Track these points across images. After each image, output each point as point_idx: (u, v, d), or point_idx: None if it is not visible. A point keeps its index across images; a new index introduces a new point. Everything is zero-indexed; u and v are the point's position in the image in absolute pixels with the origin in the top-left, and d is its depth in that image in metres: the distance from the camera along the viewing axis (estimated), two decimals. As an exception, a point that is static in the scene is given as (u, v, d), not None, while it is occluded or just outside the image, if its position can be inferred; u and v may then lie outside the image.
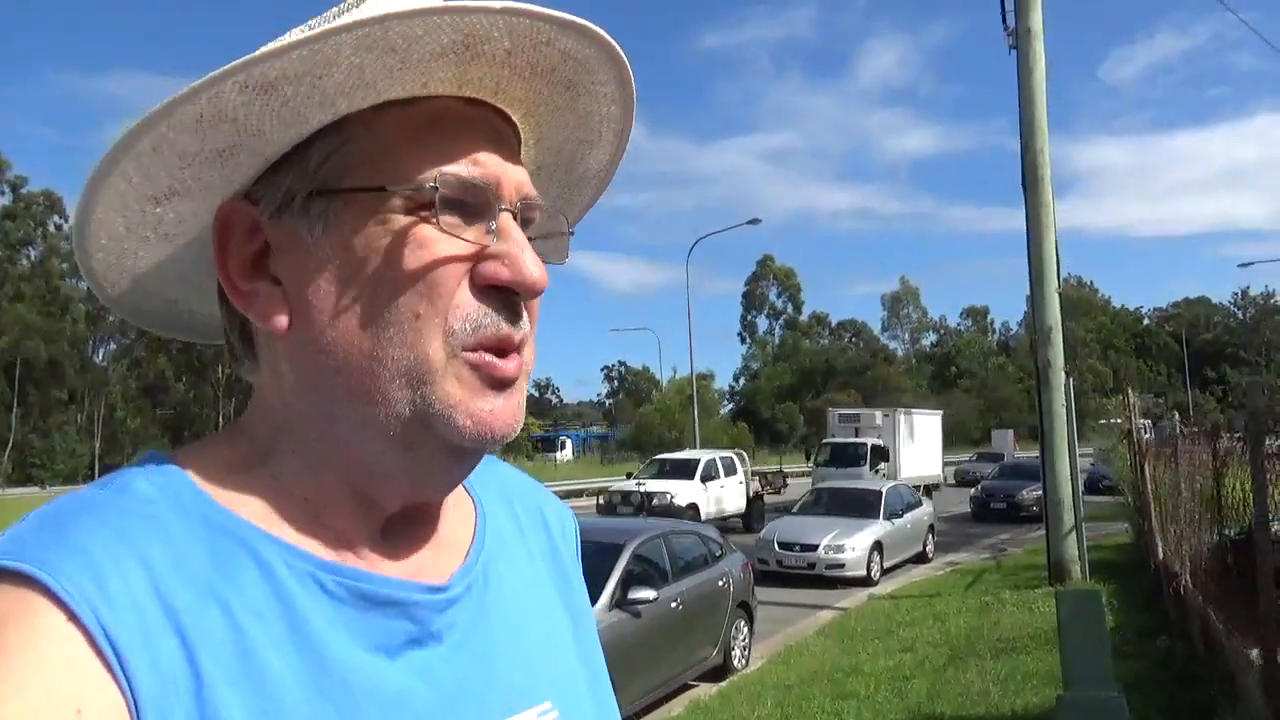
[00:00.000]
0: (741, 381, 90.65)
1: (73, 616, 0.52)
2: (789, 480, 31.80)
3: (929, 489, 28.30)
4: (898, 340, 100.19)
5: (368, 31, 0.57)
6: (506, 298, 0.64)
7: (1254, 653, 4.81)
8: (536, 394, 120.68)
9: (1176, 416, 8.21)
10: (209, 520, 0.61)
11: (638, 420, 62.71)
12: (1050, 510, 12.26)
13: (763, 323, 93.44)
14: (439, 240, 0.62)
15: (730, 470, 21.81)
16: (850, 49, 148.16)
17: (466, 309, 0.62)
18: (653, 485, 19.83)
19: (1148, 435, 12.49)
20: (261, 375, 0.68)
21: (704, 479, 20.58)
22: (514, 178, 0.66)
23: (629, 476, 21.25)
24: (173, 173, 0.62)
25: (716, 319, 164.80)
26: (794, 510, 16.90)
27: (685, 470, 20.83)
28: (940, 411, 36.46)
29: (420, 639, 0.64)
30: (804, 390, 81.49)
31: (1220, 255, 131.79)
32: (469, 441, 0.63)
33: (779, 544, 14.61)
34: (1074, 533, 12.07)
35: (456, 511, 0.74)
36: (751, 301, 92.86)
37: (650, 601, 7.50)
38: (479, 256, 0.63)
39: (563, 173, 0.78)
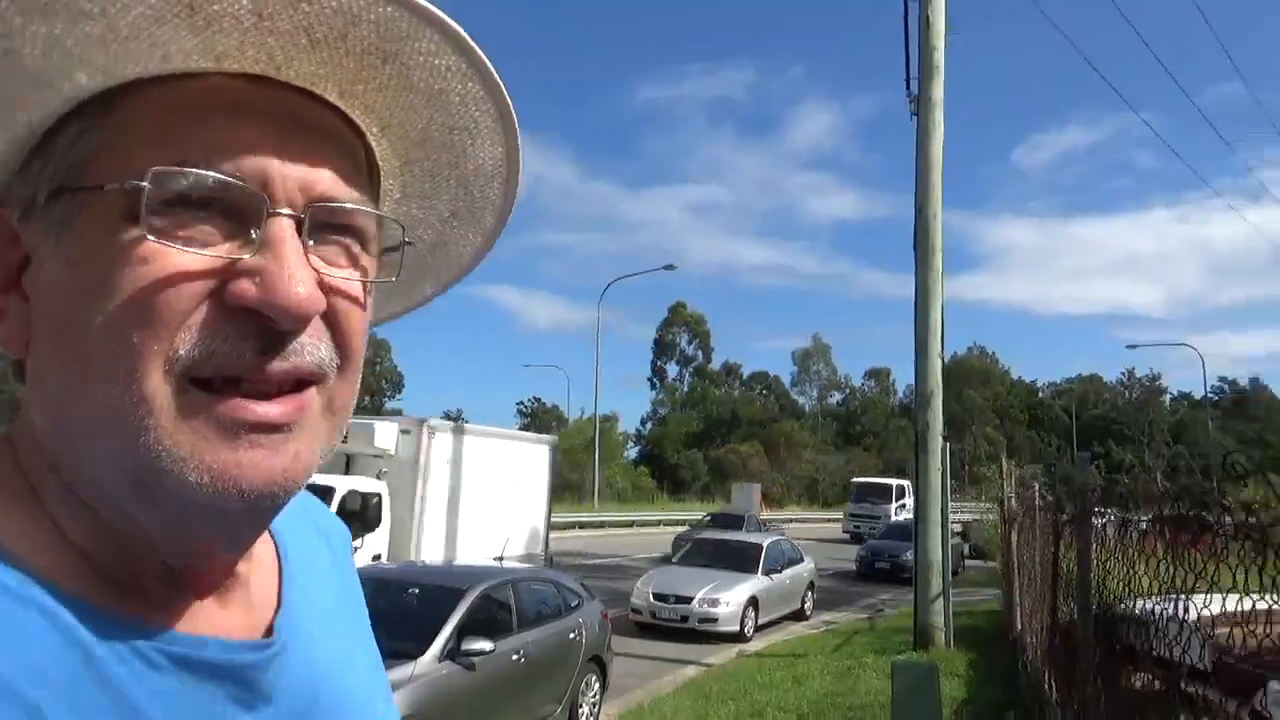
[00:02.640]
0: (649, 426, 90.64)
1: None
2: None
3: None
4: (806, 396, 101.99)
5: None
6: (261, 323, 0.52)
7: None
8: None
9: (1037, 487, 8.25)
10: None
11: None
12: (919, 574, 12.26)
13: (673, 369, 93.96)
14: (167, 253, 0.51)
15: None
16: (782, 112, 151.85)
17: (201, 334, 0.51)
18: None
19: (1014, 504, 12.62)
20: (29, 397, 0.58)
21: None
22: (296, 174, 0.55)
23: None
24: None
25: (632, 362, 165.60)
26: (675, 560, 16.65)
27: None
28: (550, 440, 17.21)
29: (251, 703, 0.58)
30: (710, 438, 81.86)
31: (1112, 337, 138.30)
32: (206, 499, 0.52)
33: (654, 595, 14.28)
34: (941, 598, 12.07)
35: (259, 546, 0.65)
36: (662, 347, 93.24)
37: (487, 653, 7.05)
38: (229, 272, 0.52)
39: (448, 169, 0.67)
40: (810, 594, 17.00)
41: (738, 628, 13.84)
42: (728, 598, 13.97)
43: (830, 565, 25.20)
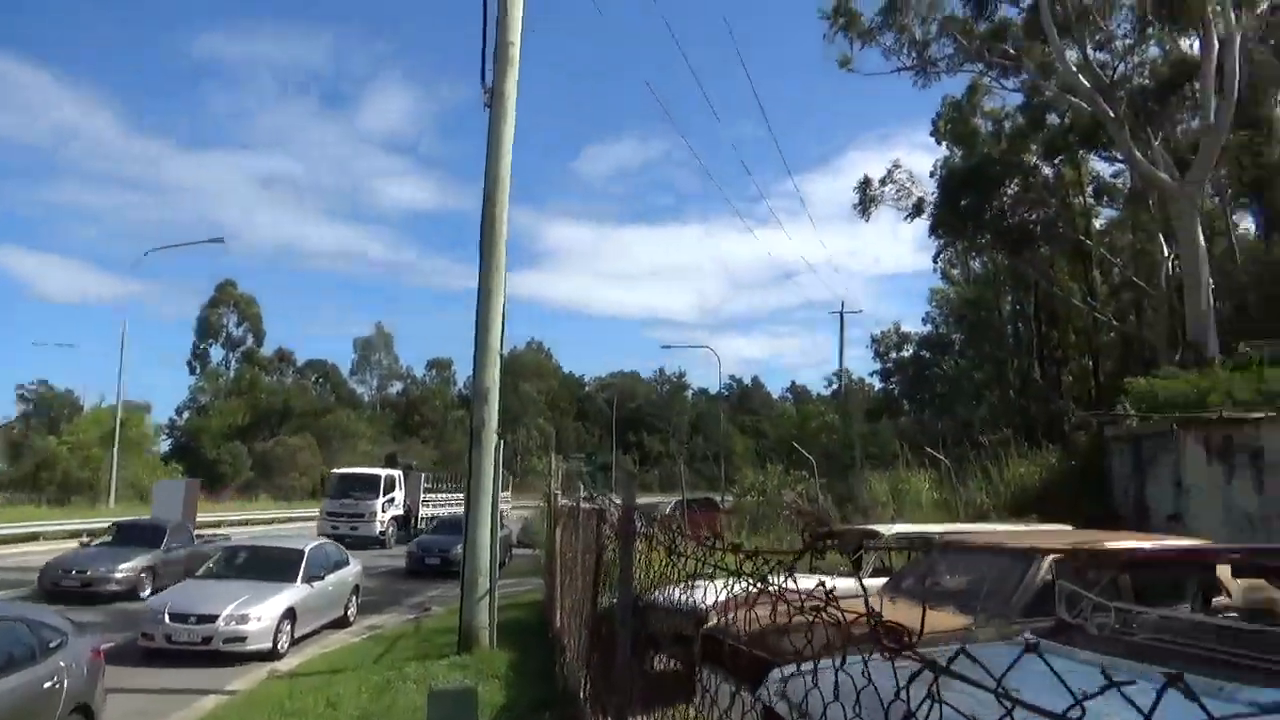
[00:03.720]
0: (186, 416, 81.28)
1: None
2: None
3: None
4: (366, 385, 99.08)
5: None
6: None
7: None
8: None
9: (582, 489, 8.51)
10: None
11: (40, 456, 51.91)
12: (467, 575, 12.08)
13: (218, 353, 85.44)
14: None
15: None
16: (359, 90, 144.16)
17: None
18: None
19: (564, 501, 13.04)
20: None
21: None
22: None
23: None
24: None
25: (171, 345, 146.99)
26: (198, 573, 14.75)
27: None
28: None
29: None
30: (258, 430, 75.80)
31: (649, 337, 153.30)
32: None
33: (170, 616, 12.42)
34: (487, 597, 12.01)
35: None
36: (207, 329, 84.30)
37: (-96, 728, 5.39)
38: None
39: None
40: (355, 598, 16.10)
41: (270, 644, 12.55)
42: (260, 611, 12.61)
43: (383, 564, 24.40)
